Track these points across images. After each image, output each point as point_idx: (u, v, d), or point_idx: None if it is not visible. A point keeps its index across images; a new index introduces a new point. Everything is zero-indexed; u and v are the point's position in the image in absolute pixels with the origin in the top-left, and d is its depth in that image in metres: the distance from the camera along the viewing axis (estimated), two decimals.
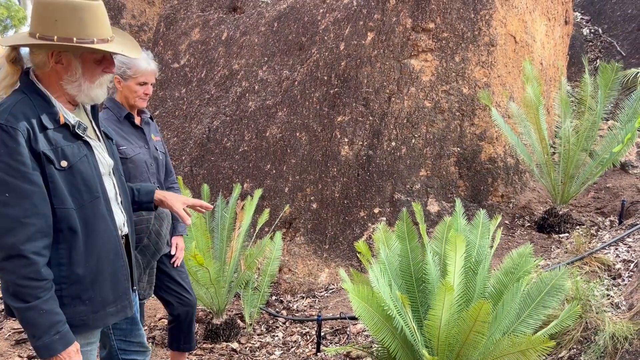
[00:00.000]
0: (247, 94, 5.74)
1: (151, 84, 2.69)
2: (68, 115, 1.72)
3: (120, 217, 1.89)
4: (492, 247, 2.85)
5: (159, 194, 2.13)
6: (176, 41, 6.95)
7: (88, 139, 1.76)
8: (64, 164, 1.65)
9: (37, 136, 1.60)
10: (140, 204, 2.12)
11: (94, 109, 1.92)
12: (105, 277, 1.77)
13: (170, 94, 6.67)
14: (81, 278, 1.70)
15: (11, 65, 1.69)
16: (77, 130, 1.72)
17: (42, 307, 1.58)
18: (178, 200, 2.11)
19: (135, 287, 2.01)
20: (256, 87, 5.68)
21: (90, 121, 1.88)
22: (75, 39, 1.63)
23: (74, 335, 1.68)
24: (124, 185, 1.98)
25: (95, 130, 1.88)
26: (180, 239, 2.93)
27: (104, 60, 1.76)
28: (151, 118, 2.89)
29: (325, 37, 5.24)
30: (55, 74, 1.70)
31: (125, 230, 1.93)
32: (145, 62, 2.63)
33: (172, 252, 2.86)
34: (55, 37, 1.63)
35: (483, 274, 2.63)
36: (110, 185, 1.87)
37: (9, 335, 3.89)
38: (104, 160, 1.84)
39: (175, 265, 2.87)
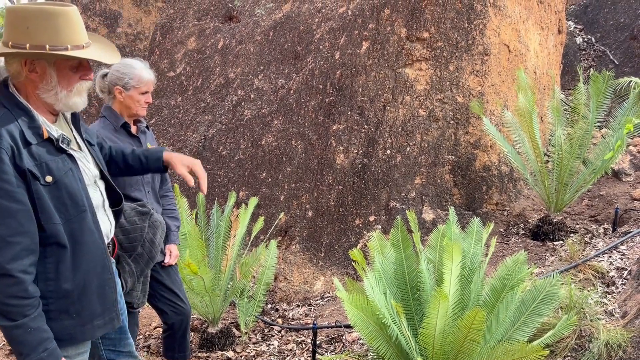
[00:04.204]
0: (242, 103, 5.76)
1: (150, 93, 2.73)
2: (51, 129, 1.69)
3: (106, 225, 1.88)
4: (486, 255, 2.86)
5: (166, 156, 2.12)
6: (172, 50, 6.97)
7: (72, 152, 1.73)
8: (48, 179, 1.62)
9: (21, 153, 1.56)
10: (149, 170, 2.13)
11: (75, 117, 1.88)
12: (92, 290, 1.75)
13: (166, 102, 6.68)
14: (69, 292, 1.69)
15: None
16: (60, 144, 1.68)
17: (29, 324, 1.56)
18: (180, 162, 2.10)
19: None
20: (252, 96, 5.70)
21: (72, 130, 1.85)
22: (47, 46, 1.59)
23: (62, 348, 1.67)
24: (113, 186, 1.96)
25: (76, 139, 1.85)
26: (174, 247, 2.93)
27: (81, 68, 1.71)
28: (147, 127, 2.90)
29: (321, 46, 5.28)
30: (30, 83, 1.66)
31: (111, 235, 1.92)
32: (146, 72, 2.67)
33: (166, 260, 2.86)
34: (28, 45, 1.58)
35: (477, 282, 2.64)
36: (97, 194, 1.84)
37: (3, 345, 3.87)
38: (89, 171, 1.81)
39: (165, 265, 2.87)
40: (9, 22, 1.61)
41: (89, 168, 1.82)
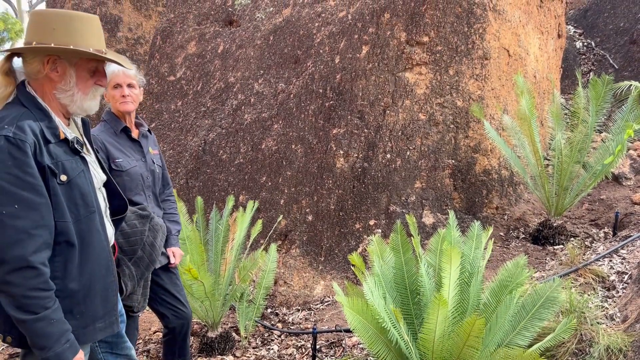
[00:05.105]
0: (242, 107, 5.76)
1: (128, 86, 2.65)
2: (66, 131, 1.74)
3: (110, 231, 1.91)
4: (484, 258, 2.85)
5: None
6: (172, 54, 6.99)
7: (84, 155, 1.78)
8: (63, 178, 1.66)
9: (42, 149, 1.61)
10: None
11: (85, 125, 1.93)
12: (96, 291, 1.78)
13: (167, 106, 6.69)
14: (74, 292, 1.71)
15: (4, 77, 1.71)
16: (75, 146, 1.73)
17: (52, 316, 1.59)
18: None
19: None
20: (252, 100, 5.71)
21: (82, 135, 1.90)
22: (72, 46, 1.66)
23: None
24: (116, 193, 1.99)
25: (86, 144, 1.90)
26: (177, 249, 2.93)
27: (97, 73, 1.78)
28: (149, 131, 2.89)
29: (321, 51, 5.29)
30: (49, 82, 1.71)
31: (112, 241, 1.96)
32: (116, 65, 2.64)
33: (172, 261, 2.86)
34: (53, 44, 1.65)
35: (476, 286, 2.64)
36: (101, 199, 1.88)
37: (2, 349, 3.86)
38: (98, 175, 1.86)
39: (171, 266, 2.87)
40: (35, 23, 1.69)
41: (98, 172, 1.87)
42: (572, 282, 3.45)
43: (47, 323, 1.57)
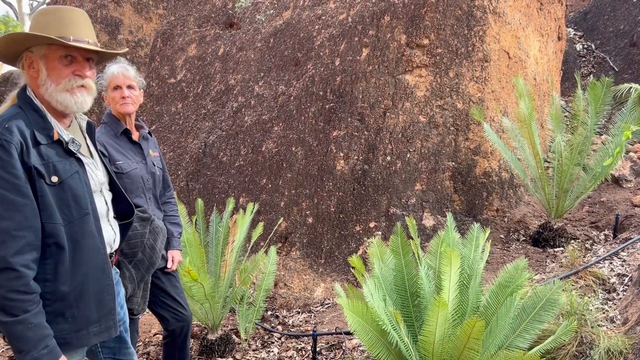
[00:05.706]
0: (243, 109, 5.77)
1: (127, 87, 2.66)
2: (62, 132, 1.72)
3: (110, 234, 1.88)
4: (482, 259, 2.85)
5: None
6: (173, 57, 7.00)
7: (80, 156, 1.76)
8: (54, 179, 1.64)
9: (29, 150, 1.60)
10: None
11: (90, 127, 1.92)
12: (90, 295, 1.75)
13: (167, 108, 6.70)
14: (66, 295, 1.69)
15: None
16: (70, 147, 1.71)
17: (31, 320, 1.56)
18: None
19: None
20: (252, 102, 5.71)
21: (85, 138, 1.88)
22: (36, 34, 1.65)
23: None
24: (123, 197, 1.98)
25: (89, 147, 1.89)
26: (176, 253, 2.93)
27: (75, 63, 1.73)
28: (150, 133, 2.89)
29: (321, 53, 5.29)
30: (33, 81, 1.72)
31: (115, 246, 1.93)
32: (115, 67, 2.65)
33: (169, 265, 2.86)
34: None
35: (475, 288, 2.64)
36: (102, 202, 1.86)
37: (3, 351, 3.86)
38: (96, 178, 1.83)
39: (168, 271, 2.87)
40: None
41: (96, 174, 1.84)
42: (572, 285, 3.45)
43: (25, 327, 1.55)
